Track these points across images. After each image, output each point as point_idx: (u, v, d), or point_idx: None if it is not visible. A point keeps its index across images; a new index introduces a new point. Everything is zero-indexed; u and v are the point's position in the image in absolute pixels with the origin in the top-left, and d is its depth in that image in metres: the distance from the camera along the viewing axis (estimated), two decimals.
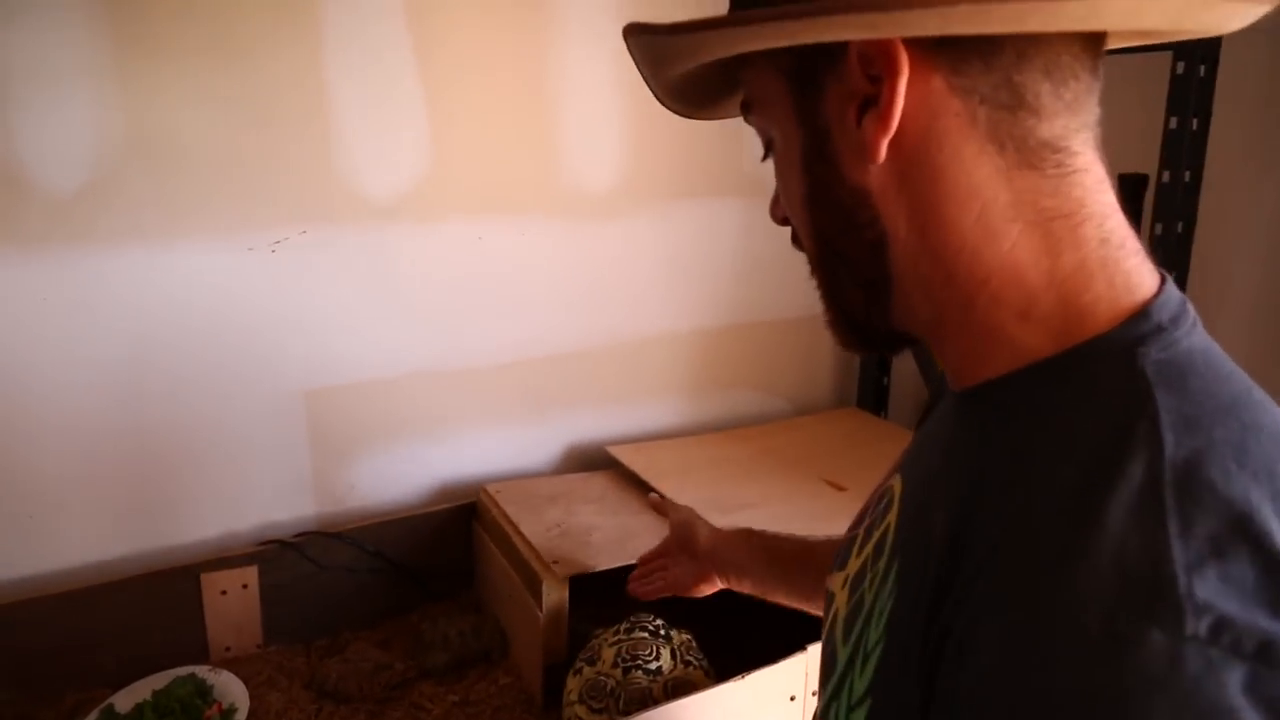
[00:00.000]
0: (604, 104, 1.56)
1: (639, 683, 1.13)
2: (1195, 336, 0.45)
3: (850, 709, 0.49)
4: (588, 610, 1.34)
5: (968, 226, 0.46)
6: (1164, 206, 1.36)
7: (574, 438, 1.68)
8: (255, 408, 1.36)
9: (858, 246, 0.50)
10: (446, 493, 1.55)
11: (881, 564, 0.51)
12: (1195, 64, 1.26)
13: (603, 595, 1.36)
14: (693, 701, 1.07)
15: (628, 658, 1.16)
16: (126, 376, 1.27)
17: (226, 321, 1.32)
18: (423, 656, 1.32)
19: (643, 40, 0.54)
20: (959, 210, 0.46)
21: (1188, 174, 1.36)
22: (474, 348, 1.53)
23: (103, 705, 1.15)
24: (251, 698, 1.20)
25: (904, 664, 0.44)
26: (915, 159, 0.46)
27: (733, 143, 1.71)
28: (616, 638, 1.21)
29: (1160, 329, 0.44)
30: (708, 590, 1.11)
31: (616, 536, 1.38)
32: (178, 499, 1.33)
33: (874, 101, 0.45)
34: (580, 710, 1.15)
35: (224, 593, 1.30)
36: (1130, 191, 0.49)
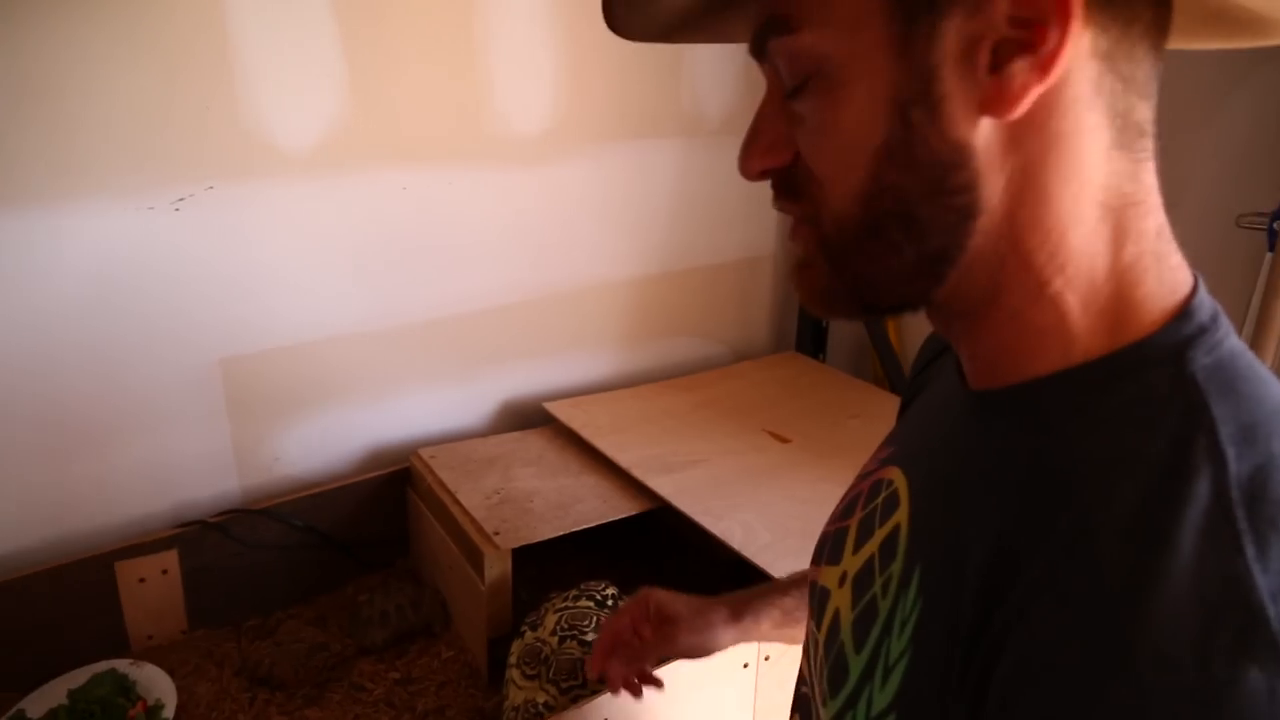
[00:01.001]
0: (534, 42, 1.45)
1: (571, 653, 1.11)
2: (1232, 338, 0.43)
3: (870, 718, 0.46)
4: (530, 573, 1.30)
5: (1064, 205, 0.42)
6: None
7: (509, 394, 1.62)
8: (167, 379, 1.26)
9: (941, 213, 0.43)
10: (378, 458, 1.48)
11: (895, 568, 0.48)
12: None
13: (545, 560, 1.33)
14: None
15: (567, 626, 1.14)
16: (21, 352, 1.15)
17: (129, 287, 1.21)
18: (360, 634, 1.27)
19: None
20: (1061, 186, 0.42)
21: None
22: (401, 305, 1.45)
23: (11, 712, 1.06)
24: (179, 690, 1.13)
25: (938, 683, 0.41)
26: (1035, 121, 0.41)
27: (668, 80, 1.63)
28: (563, 604, 1.19)
29: (1203, 330, 0.42)
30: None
31: (558, 501, 1.34)
32: (86, 482, 1.23)
33: (1023, 47, 0.39)
34: (515, 674, 1.13)
35: (142, 580, 1.22)
36: None
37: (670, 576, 1.45)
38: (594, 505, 1.33)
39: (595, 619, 1.16)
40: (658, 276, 1.75)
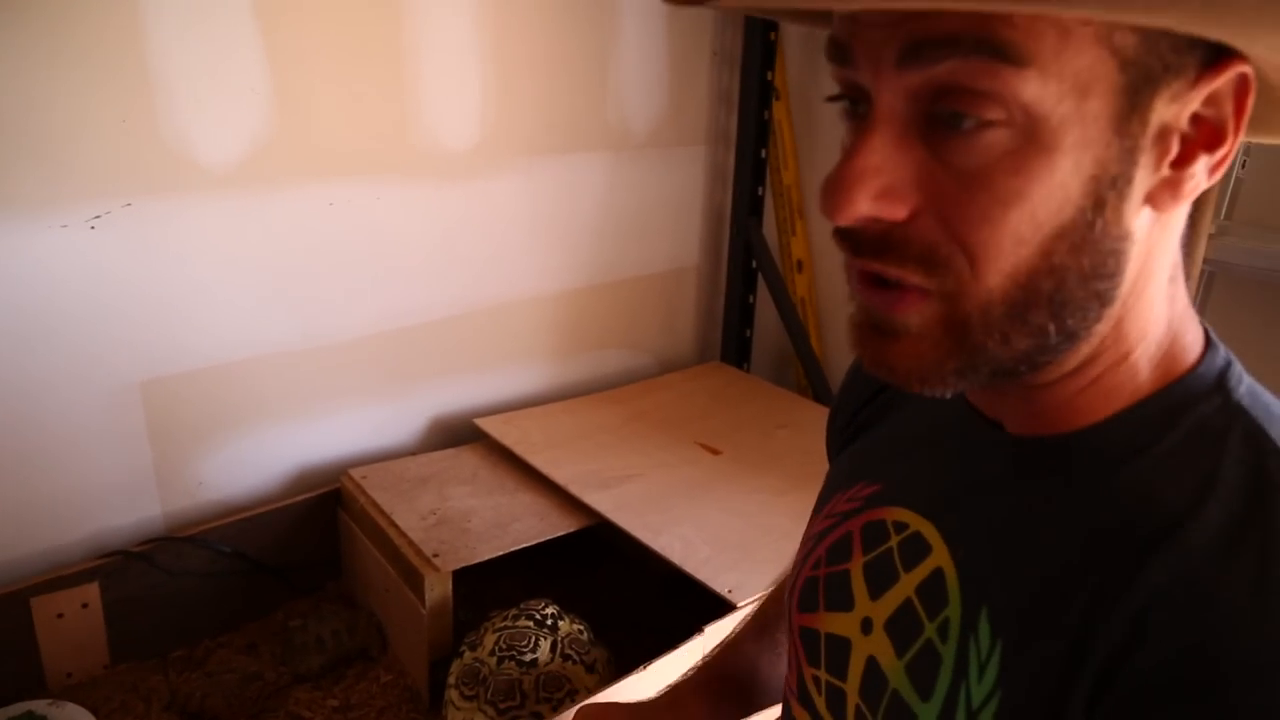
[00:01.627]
0: (461, 57, 1.44)
1: (509, 674, 1.11)
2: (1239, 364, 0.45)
3: None
4: (465, 591, 1.29)
5: (1158, 288, 0.43)
6: None
7: (439, 410, 1.60)
8: (85, 404, 1.21)
9: (1086, 298, 0.40)
10: (306, 479, 1.45)
11: (953, 613, 0.47)
12: None
13: (482, 578, 1.32)
14: (609, 691, 1.05)
15: (505, 647, 1.14)
16: None
17: (43, 309, 1.15)
18: (295, 660, 1.24)
19: None
20: (1161, 271, 0.42)
21: None
22: (328, 323, 1.42)
23: None
24: None
25: (1040, 712, 0.41)
26: (1171, 216, 0.41)
27: (595, 94, 1.63)
28: (503, 624, 1.18)
29: (1229, 362, 0.44)
30: None
31: (495, 520, 1.33)
32: None
33: (1206, 145, 0.38)
34: (453, 695, 1.13)
35: (60, 615, 1.16)
36: None
37: (609, 590, 1.46)
38: (532, 523, 1.33)
39: (534, 639, 1.16)
40: (585, 289, 1.75)
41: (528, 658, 1.13)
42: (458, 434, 1.61)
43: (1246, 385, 0.43)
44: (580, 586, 1.40)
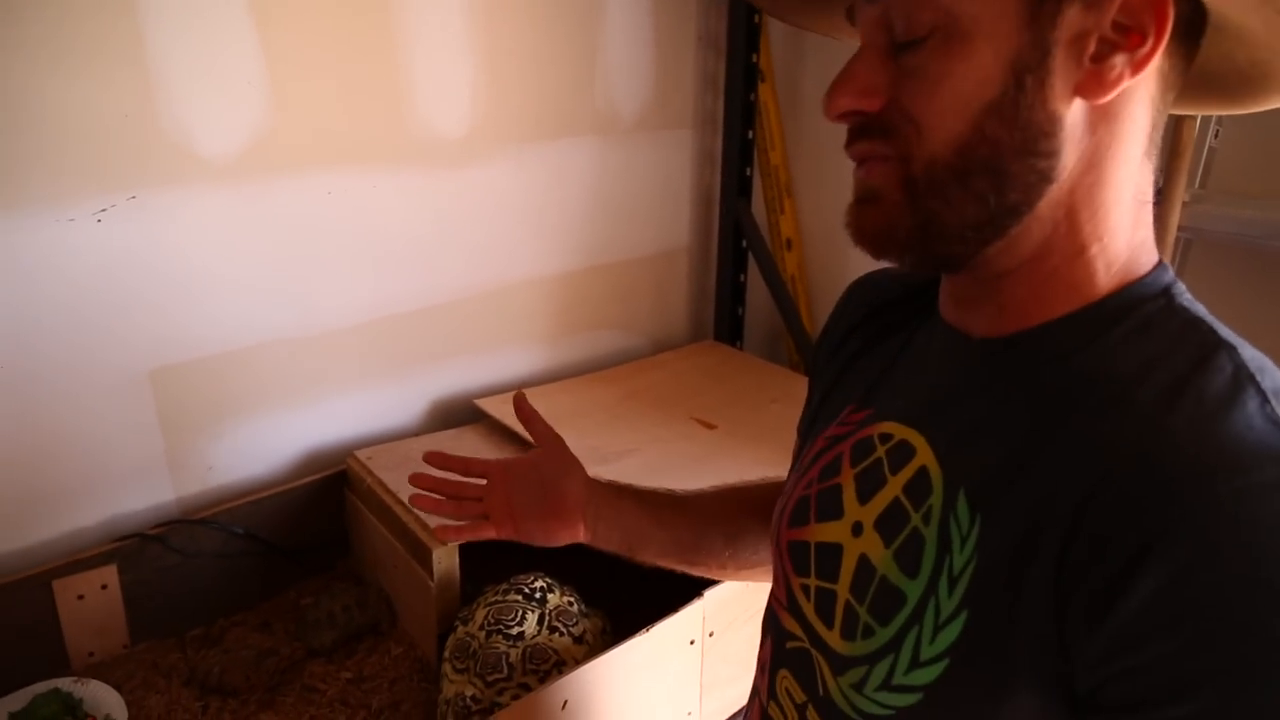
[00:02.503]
0: (453, 45, 1.47)
1: (497, 647, 1.14)
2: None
3: (938, 628, 0.51)
4: (471, 566, 1.33)
5: (1112, 189, 0.50)
6: None
7: (439, 393, 1.64)
8: (96, 393, 1.24)
9: (1024, 172, 0.49)
10: (313, 462, 1.48)
11: (934, 500, 0.54)
12: None
13: (485, 553, 1.35)
14: (604, 658, 1.09)
15: (493, 621, 1.17)
16: None
17: (53, 301, 1.18)
18: (308, 636, 1.28)
19: None
20: (1114, 172, 0.50)
21: None
22: (330, 308, 1.45)
23: None
24: (128, 704, 1.13)
25: (1014, 568, 0.48)
26: (1110, 113, 0.49)
27: (584, 80, 1.67)
28: (493, 598, 1.22)
29: (1175, 279, 0.53)
30: (564, 541, 0.92)
31: None
32: (16, 500, 1.21)
33: (1124, 45, 0.47)
34: (447, 667, 1.16)
35: (81, 597, 1.20)
36: None
37: (610, 561, 1.50)
38: None
39: (521, 612, 1.19)
40: (579, 272, 1.79)
41: (514, 631, 1.16)
42: (459, 415, 1.65)
43: (1189, 297, 0.52)
44: (581, 559, 1.44)
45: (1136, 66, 0.47)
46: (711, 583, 1.18)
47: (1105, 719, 0.44)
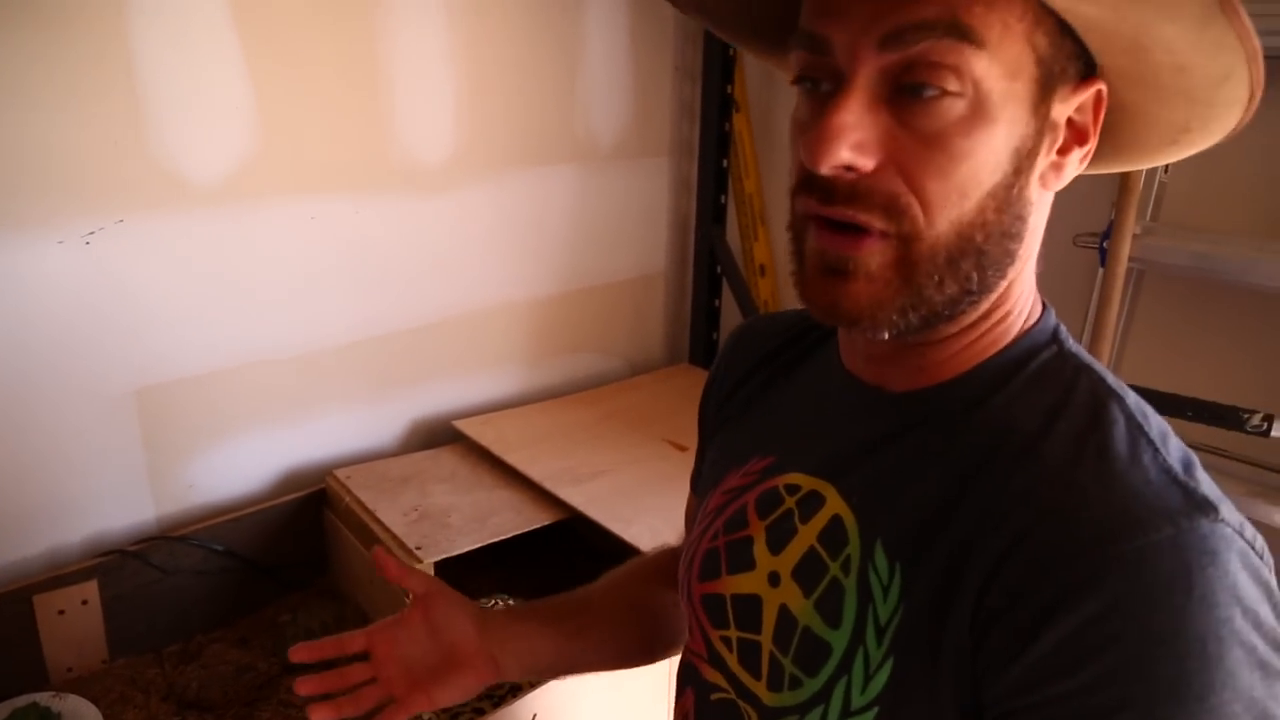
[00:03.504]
0: (435, 75, 1.52)
1: None
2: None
3: (869, 676, 0.52)
4: (447, 582, 1.36)
5: (1034, 258, 0.55)
6: None
7: (418, 413, 1.67)
8: (81, 411, 1.27)
9: (1002, 255, 0.50)
10: (292, 480, 1.51)
11: (852, 550, 0.54)
12: None
13: (463, 573, 1.39)
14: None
15: None
16: None
17: (41, 322, 1.21)
18: (286, 652, 1.30)
19: None
20: (1037, 236, 0.53)
21: None
22: (312, 331, 1.49)
23: None
24: (106, 719, 1.15)
25: (935, 615, 0.49)
26: (1051, 195, 0.53)
27: (563, 108, 1.71)
28: None
29: (1058, 322, 0.56)
30: (475, 690, 0.78)
31: (475, 515, 1.40)
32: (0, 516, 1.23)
33: (1076, 140, 0.51)
34: None
35: (62, 612, 1.22)
36: None
37: (584, 582, 1.53)
38: (509, 517, 1.40)
39: None
40: (557, 296, 1.83)
41: None
42: (437, 435, 1.68)
43: (1071, 340, 0.55)
44: (555, 579, 1.48)
45: (1083, 160, 0.51)
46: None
47: None
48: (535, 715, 1.09)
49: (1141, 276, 1.47)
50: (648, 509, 1.39)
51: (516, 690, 1.14)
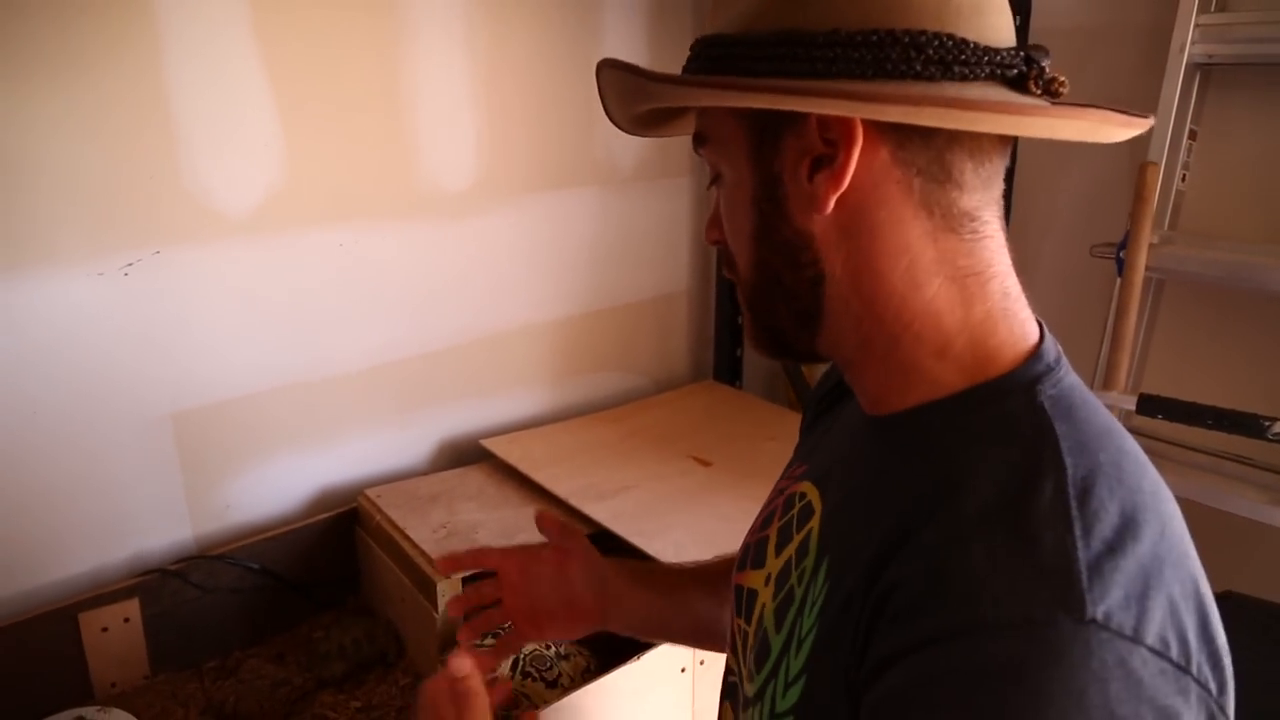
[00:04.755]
0: (456, 103, 1.56)
1: None
2: (1071, 375, 0.54)
3: (787, 686, 0.55)
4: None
5: (897, 276, 0.53)
6: None
7: (447, 433, 1.71)
8: (121, 435, 1.32)
9: (798, 282, 0.56)
10: (325, 500, 1.55)
11: (809, 562, 0.58)
12: None
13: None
14: (596, 684, 1.14)
15: None
16: None
17: (83, 350, 1.27)
18: (319, 667, 1.34)
19: (621, 77, 0.59)
20: (891, 261, 0.53)
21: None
22: (342, 354, 1.53)
23: None
24: None
25: (838, 641, 0.51)
26: (857, 214, 0.53)
27: (583, 133, 1.75)
28: (471, 643, 1.21)
29: (1049, 369, 0.53)
30: (581, 634, 0.95)
31: (502, 531, 1.43)
32: (44, 537, 1.28)
33: (828, 161, 0.51)
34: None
35: (105, 629, 1.27)
36: None
37: None
38: (535, 534, 1.42)
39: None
40: (581, 316, 1.86)
41: (488, 677, 1.17)
42: (465, 454, 1.72)
43: (1059, 390, 0.52)
44: None
45: (836, 178, 0.51)
46: None
47: None
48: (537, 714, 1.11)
49: (1161, 286, 1.47)
50: (672, 524, 1.41)
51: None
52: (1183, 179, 1.42)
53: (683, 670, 1.24)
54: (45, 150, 1.19)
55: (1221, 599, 1.28)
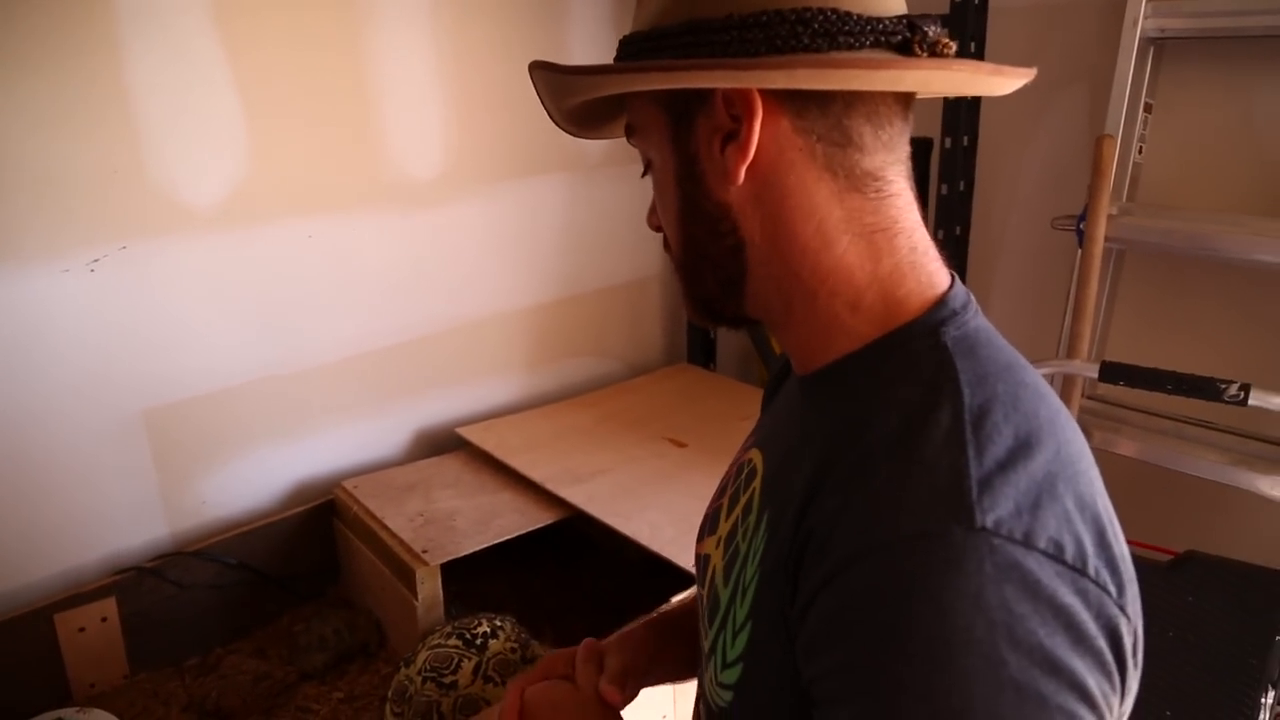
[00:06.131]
0: (423, 93, 1.56)
1: (429, 695, 1.13)
2: (978, 318, 0.58)
3: (735, 634, 0.59)
4: (457, 589, 1.39)
5: (809, 235, 0.57)
6: (947, 168, 1.53)
7: (422, 423, 1.71)
8: (92, 433, 1.31)
9: (720, 251, 0.60)
10: (301, 493, 1.55)
11: (751, 519, 0.61)
12: (967, 42, 1.42)
13: (469, 575, 1.42)
14: None
15: (429, 668, 1.16)
16: None
17: (51, 349, 1.25)
18: (301, 659, 1.34)
19: (547, 75, 0.63)
20: (802, 223, 0.57)
21: (966, 139, 1.53)
22: (314, 346, 1.52)
23: None
24: None
25: (775, 584, 0.54)
26: (767, 182, 0.57)
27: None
28: (434, 642, 1.20)
29: (954, 314, 0.57)
30: None
31: (479, 517, 1.44)
32: (15, 538, 1.27)
33: (735, 136, 0.55)
34: (387, 709, 1.17)
35: (82, 629, 1.26)
36: (917, 155, 0.61)
37: (588, 579, 1.57)
38: (512, 518, 1.44)
39: (457, 660, 1.17)
40: (553, 303, 1.86)
41: (448, 679, 1.14)
42: (440, 443, 1.72)
43: (963, 331, 0.56)
44: (558, 577, 1.52)
45: (743, 149, 0.55)
46: (681, 591, 1.24)
47: (818, 713, 0.51)
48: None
49: (1121, 256, 1.50)
50: (648, 505, 1.42)
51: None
52: (1139, 151, 1.45)
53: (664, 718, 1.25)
54: (2, 146, 1.17)
55: (1183, 558, 1.31)
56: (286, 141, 1.42)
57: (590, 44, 1.77)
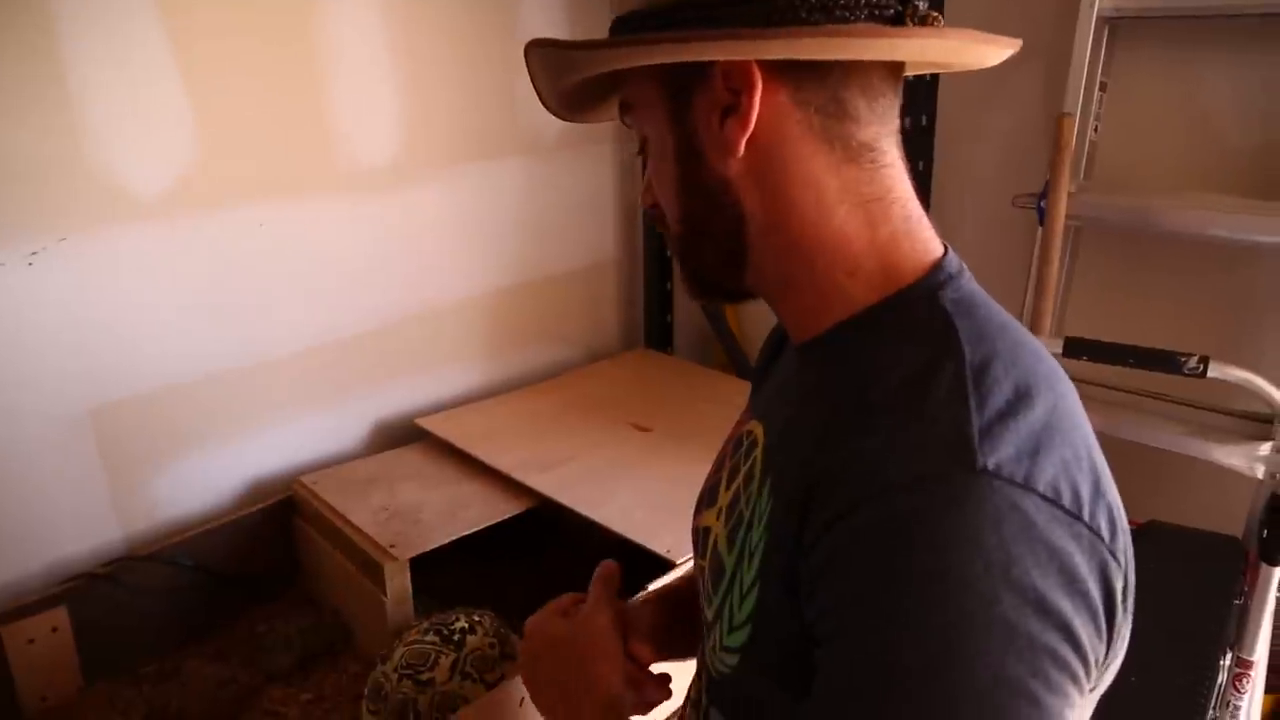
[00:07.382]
0: (373, 75, 1.51)
1: (406, 692, 1.11)
2: (973, 284, 0.60)
3: (743, 597, 0.59)
4: (424, 583, 1.36)
5: (808, 206, 0.58)
6: (906, 148, 1.53)
7: (381, 414, 1.67)
8: (34, 435, 1.25)
9: (721, 225, 0.61)
10: (258, 491, 1.50)
11: (754, 486, 0.62)
12: None
13: (437, 569, 1.39)
14: None
15: (405, 665, 1.13)
16: None
17: None
18: (265, 662, 1.30)
19: (547, 53, 0.62)
20: (800, 193, 0.58)
21: (924, 118, 1.53)
22: (268, 338, 1.47)
23: None
24: None
25: (783, 543, 0.55)
26: (767, 154, 0.58)
27: (505, 102, 1.71)
28: (411, 639, 1.17)
29: (950, 278, 0.59)
30: None
31: (445, 509, 1.41)
32: None
33: (734, 109, 0.56)
34: (364, 706, 1.15)
35: (31, 641, 1.20)
36: None
37: (559, 569, 1.54)
38: (480, 509, 1.41)
39: (434, 657, 1.14)
40: (511, 288, 1.83)
41: (424, 677, 1.11)
42: (401, 435, 1.68)
43: (959, 295, 0.57)
44: (528, 567, 1.49)
45: (743, 122, 0.56)
46: (654, 577, 1.23)
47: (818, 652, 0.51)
48: (523, 699, 1.10)
49: (1079, 233, 1.52)
50: (615, 490, 1.41)
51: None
52: (1095, 130, 1.46)
53: None
54: None
55: (1145, 527, 1.34)
56: (233, 126, 1.36)
57: (545, 25, 1.73)
